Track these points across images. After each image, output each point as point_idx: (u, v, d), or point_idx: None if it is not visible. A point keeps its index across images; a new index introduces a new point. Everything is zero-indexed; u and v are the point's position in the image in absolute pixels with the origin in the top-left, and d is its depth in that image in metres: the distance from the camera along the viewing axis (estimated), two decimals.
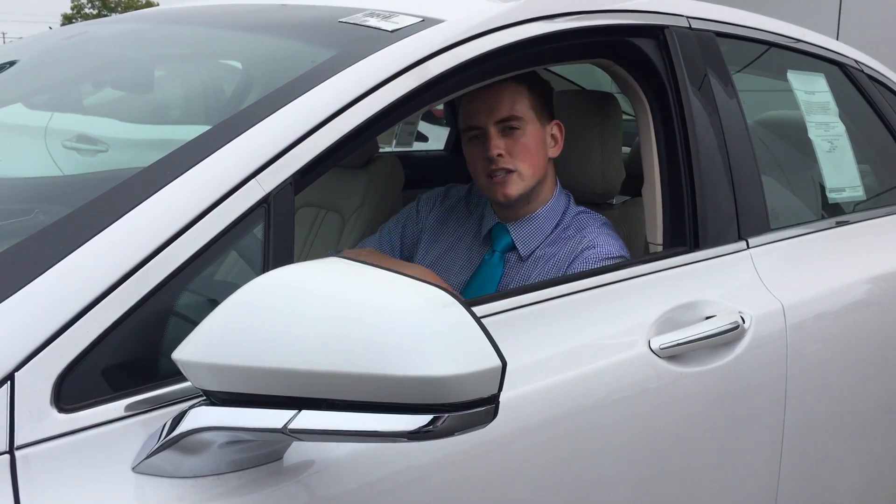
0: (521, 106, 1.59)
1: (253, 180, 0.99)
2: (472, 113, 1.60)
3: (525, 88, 1.60)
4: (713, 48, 1.65)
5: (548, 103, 1.65)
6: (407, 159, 3.00)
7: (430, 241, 1.71)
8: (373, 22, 1.30)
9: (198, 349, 0.81)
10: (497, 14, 1.32)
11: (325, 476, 0.95)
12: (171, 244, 0.91)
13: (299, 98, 1.08)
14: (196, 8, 1.68)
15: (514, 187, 1.58)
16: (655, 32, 1.54)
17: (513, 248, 1.63)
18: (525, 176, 1.58)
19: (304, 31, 1.38)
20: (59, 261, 0.86)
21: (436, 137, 5.02)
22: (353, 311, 0.80)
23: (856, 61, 2.11)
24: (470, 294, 1.59)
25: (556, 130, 1.65)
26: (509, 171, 1.57)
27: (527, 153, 1.58)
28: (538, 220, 1.63)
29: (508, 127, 1.58)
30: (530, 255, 1.61)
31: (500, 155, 1.56)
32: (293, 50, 1.35)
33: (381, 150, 2.74)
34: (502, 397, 0.96)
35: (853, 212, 1.97)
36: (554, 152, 1.65)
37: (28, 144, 1.47)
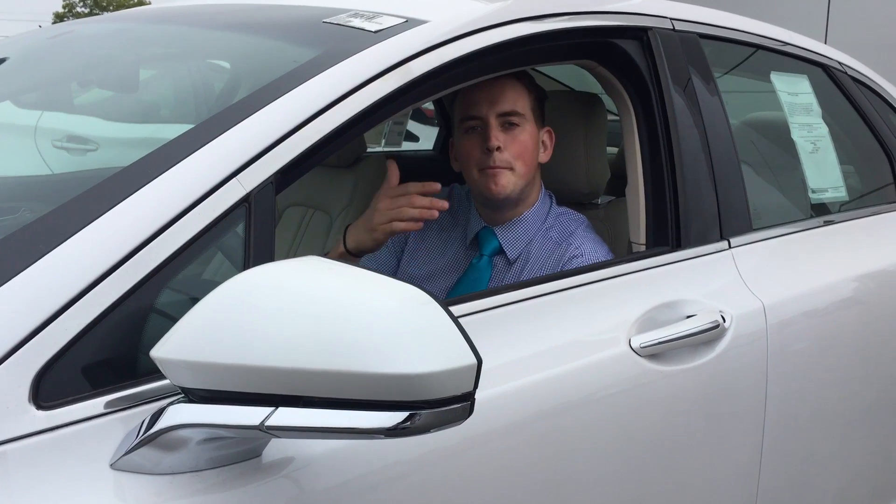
0: (522, 104, 1.59)
1: (234, 179, 0.99)
2: (471, 103, 1.58)
3: (525, 88, 1.61)
4: (696, 50, 1.66)
5: (543, 108, 1.66)
6: (396, 159, 3.01)
7: (414, 249, 1.71)
8: (356, 22, 1.31)
9: (175, 347, 0.82)
10: (481, 15, 1.33)
11: (304, 473, 0.96)
12: (151, 242, 0.92)
13: (281, 97, 1.09)
14: (181, 7, 1.68)
15: (507, 181, 1.57)
16: (639, 34, 1.55)
17: (500, 251, 1.64)
18: (519, 174, 1.58)
19: (288, 31, 1.39)
20: (38, 259, 0.87)
21: (426, 137, 5.03)
22: (331, 309, 0.81)
23: (839, 63, 2.13)
24: None
25: (546, 137, 1.66)
26: (504, 168, 1.57)
27: (524, 151, 1.58)
28: (525, 222, 1.64)
29: (509, 122, 1.58)
30: (517, 258, 1.62)
31: (498, 148, 1.56)
32: (277, 50, 1.35)
33: (369, 150, 2.75)
34: (483, 394, 0.97)
35: (837, 212, 1.98)
36: (543, 158, 1.65)
37: (14, 143, 1.48)
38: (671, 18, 1.62)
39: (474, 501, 1.13)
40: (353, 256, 1.51)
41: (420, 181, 1.46)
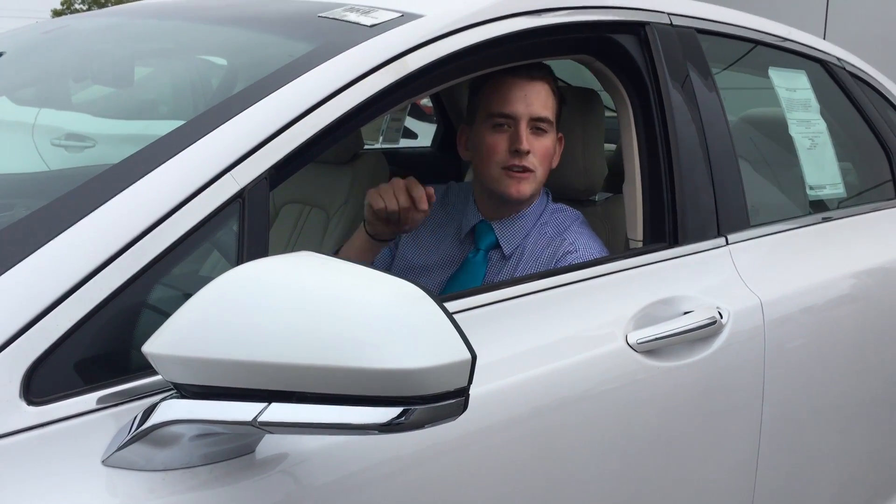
0: (551, 110, 1.60)
1: (227, 175, 0.99)
2: (505, 100, 1.57)
3: (554, 94, 1.61)
4: (694, 45, 1.65)
5: (561, 114, 1.66)
6: (393, 156, 3.00)
7: (410, 243, 1.71)
8: (352, 17, 1.30)
9: (168, 342, 0.81)
10: (478, 9, 1.32)
11: (298, 469, 0.95)
12: (143, 238, 0.92)
13: (275, 92, 1.08)
14: (176, 2, 1.68)
15: (528, 188, 1.58)
16: (637, 29, 1.55)
17: (496, 246, 1.64)
18: (538, 179, 1.60)
19: (283, 26, 1.38)
20: (29, 254, 0.86)
21: (425, 134, 5.02)
22: (324, 304, 0.80)
23: (838, 59, 2.12)
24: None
25: (558, 143, 1.66)
26: (529, 171, 1.57)
27: (545, 157, 1.60)
28: (523, 219, 1.64)
29: (538, 127, 1.58)
30: (513, 253, 1.62)
31: (528, 151, 1.56)
32: (272, 44, 1.35)
33: (366, 147, 2.74)
34: (480, 390, 0.96)
35: (835, 209, 1.98)
36: (554, 162, 1.66)
37: (8, 139, 1.47)
38: (669, 13, 1.62)
39: (470, 498, 1.12)
40: (375, 242, 1.53)
41: (418, 178, 1.46)
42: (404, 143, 4.37)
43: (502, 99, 1.57)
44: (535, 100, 1.57)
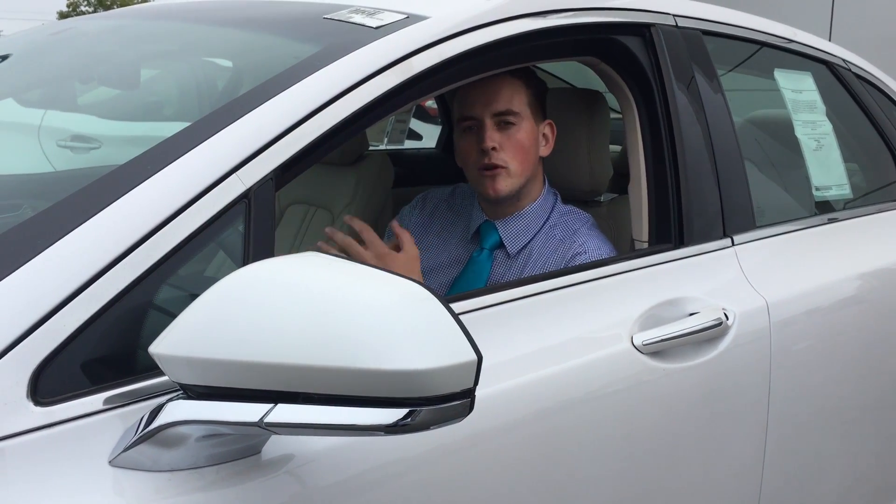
0: (519, 101, 1.60)
1: (233, 175, 0.99)
2: (468, 103, 1.60)
3: (523, 84, 1.61)
4: (699, 46, 1.65)
5: (542, 102, 1.66)
6: (398, 157, 3.00)
7: (417, 244, 1.72)
8: (357, 18, 1.30)
9: (174, 343, 0.81)
10: (483, 11, 1.32)
11: (304, 470, 0.95)
12: (149, 239, 0.92)
13: (281, 94, 1.08)
14: (182, 4, 1.68)
15: (504, 184, 1.59)
16: (642, 30, 1.54)
17: (501, 245, 1.64)
18: (514, 173, 1.59)
19: (289, 27, 1.38)
20: (36, 255, 0.87)
21: (429, 136, 5.02)
22: (330, 305, 0.80)
23: (843, 60, 2.12)
24: (458, 292, 1.59)
25: (547, 130, 1.66)
26: (500, 168, 1.57)
27: (519, 150, 1.59)
28: (526, 217, 1.64)
29: (504, 121, 1.58)
30: (518, 253, 1.62)
31: (493, 148, 1.57)
32: (277, 46, 1.35)
33: (371, 148, 2.74)
34: (484, 392, 0.96)
35: (841, 210, 1.97)
36: (545, 151, 1.66)
37: (16, 140, 1.47)
38: (674, 15, 1.61)
39: (475, 499, 1.12)
40: None
41: (422, 179, 1.47)
42: (409, 144, 4.38)
43: (465, 102, 1.61)
44: (496, 96, 1.58)
